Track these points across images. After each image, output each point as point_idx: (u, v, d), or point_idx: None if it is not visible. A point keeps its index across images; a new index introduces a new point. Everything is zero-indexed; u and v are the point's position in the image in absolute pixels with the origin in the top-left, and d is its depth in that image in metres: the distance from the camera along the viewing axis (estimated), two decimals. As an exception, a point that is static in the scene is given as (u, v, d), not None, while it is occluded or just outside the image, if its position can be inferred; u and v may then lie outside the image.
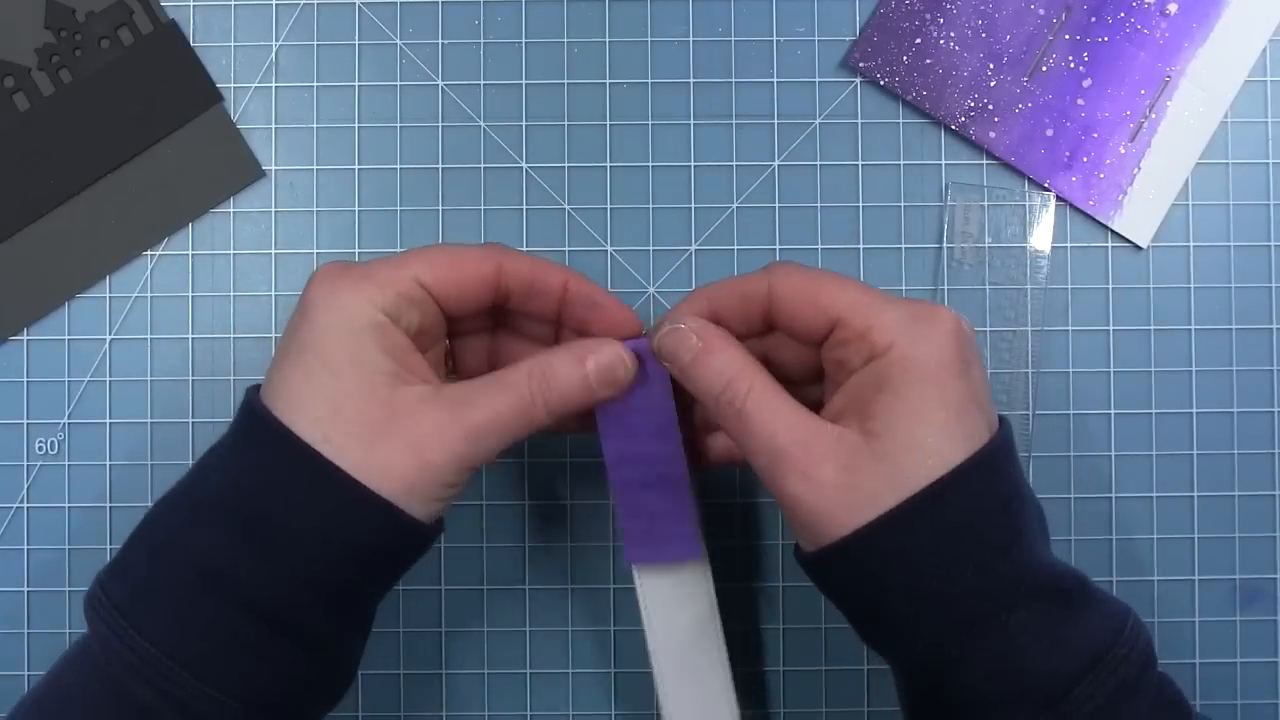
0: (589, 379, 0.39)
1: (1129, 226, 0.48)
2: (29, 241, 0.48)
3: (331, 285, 0.38)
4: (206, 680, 0.36)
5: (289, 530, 0.36)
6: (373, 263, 0.39)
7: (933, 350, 0.37)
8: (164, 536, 0.37)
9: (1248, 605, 0.48)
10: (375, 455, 0.36)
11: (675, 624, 0.43)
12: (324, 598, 0.37)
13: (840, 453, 0.37)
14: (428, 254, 0.39)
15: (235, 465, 0.37)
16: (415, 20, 0.48)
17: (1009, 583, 0.36)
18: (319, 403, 0.36)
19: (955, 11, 0.48)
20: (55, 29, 0.48)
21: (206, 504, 0.37)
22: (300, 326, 0.38)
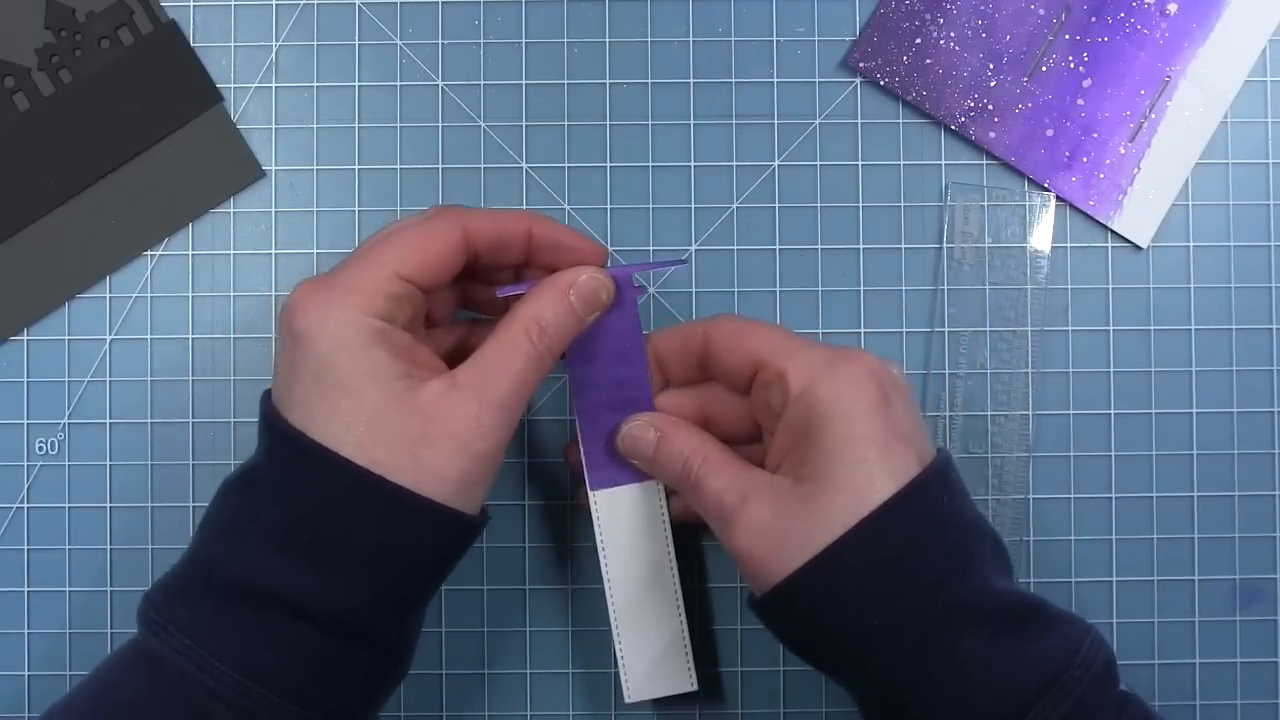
0: (575, 310, 0.40)
1: (1129, 226, 0.48)
2: (29, 241, 0.48)
3: (320, 308, 0.37)
4: (287, 696, 0.36)
5: (356, 551, 0.37)
6: (346, 269, 0.38)
7: (848, 389, 0.38)
8: (225, 567, 0.37)
9: (1248, 605, 0.48)
10: (426, 465, 0.37)
11: (631, 549, 0.44)
12: (393, 604, 0.38)
13: (773, 500, 0.38)
14: (396, 242, 0.39)
15: (287, 495, 0.37)
16: (415, 20, 0.48)
17: (953, 612, 0.37)
18: (355, 430, 0.37)
19: (955, 11, 0.48)
20: (55, 29, 0.48)
21: (264, 534, 0.37)
22: (302, 357, 0.37)
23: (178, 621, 0.37)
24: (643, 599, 0.44)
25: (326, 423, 0.37)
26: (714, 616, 0.48)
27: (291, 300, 0.38)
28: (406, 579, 0.38)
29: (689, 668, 0.45)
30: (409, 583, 0.38)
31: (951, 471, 0.39)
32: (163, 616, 0.37)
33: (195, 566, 0.38)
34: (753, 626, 0.48)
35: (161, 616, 0.37)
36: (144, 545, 0.47)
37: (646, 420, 0.42)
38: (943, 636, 0.36)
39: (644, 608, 0.45)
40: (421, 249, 0.39)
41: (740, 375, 0.41)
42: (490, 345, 0.39)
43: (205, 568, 0.38)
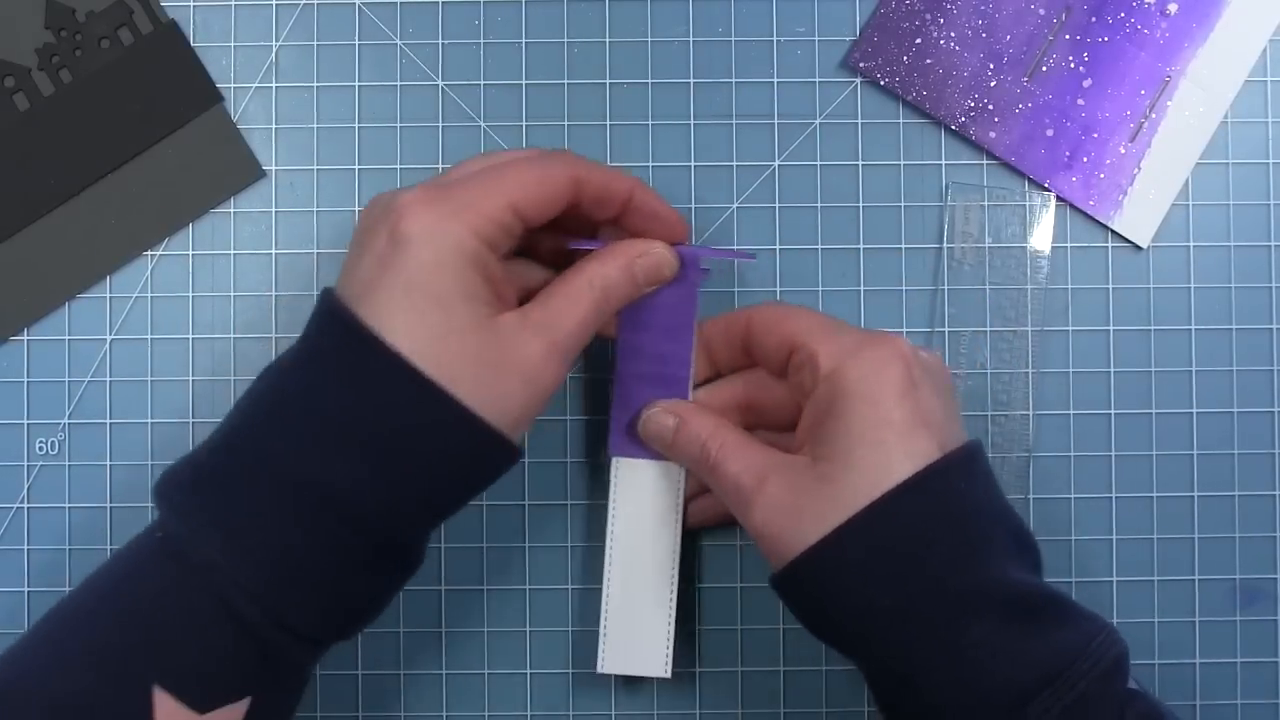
0: (636, 279, 0.42)
1: (1129, 226, 0.48)
2: (29, 241, 0.48)
3: (434, 219, 0.37)
4: (313, 594, 0.37)
5: (411, 460, 0.37)
6: (463, 187, 0.38)
7: (875, 372, 0.38)
8: (271, 459, 0.37)
9: (1248, 605, 0.48)
10: (494, 391, 0.37)
11: (639, 523, 0.45)
12: (431, 519, 0.39)
13: (789, 478, 0.39)
14: (516, 175, 0.39)
15: (350, 393, 0.37)
16: (415, 20, 0.48)
17: (963, 598, 0.37)
18: (435, 345, 0.37)
19: (955, 11, 0.48)
20: (55, 29, 0.48)
21: (319, 428, 0.37)
22: (399, 261, 0.37)
23: (210, 510, 0.36)
24: (639, 575, 0.45)
25: (409, 331, 0.37)
26: (714, 616, 0.48)
27: (403, 203, 0.38)
28: (448, 495, 0.39)
29: (667, 654, 0.45)
30: (449, 499, 0.39)
31: (976, 461, 0.39)
32: (191, 503, 0.37)
33: (233, 453, 0.37)
34: (753, 626, 0.48)
35: (190, 503, 0.37)
36: (144, 545, 0.47)
37: (666, 406, 0.43)
38: (951, 621, 0.36)
39: (638, 585, 0.45)
40: (539, 186, 0.39)
41: (778, 358, 0.42)
42: (557, 291, 0.40)
43: (248, 455, 0.37)
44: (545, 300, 0.40)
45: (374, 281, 0.37)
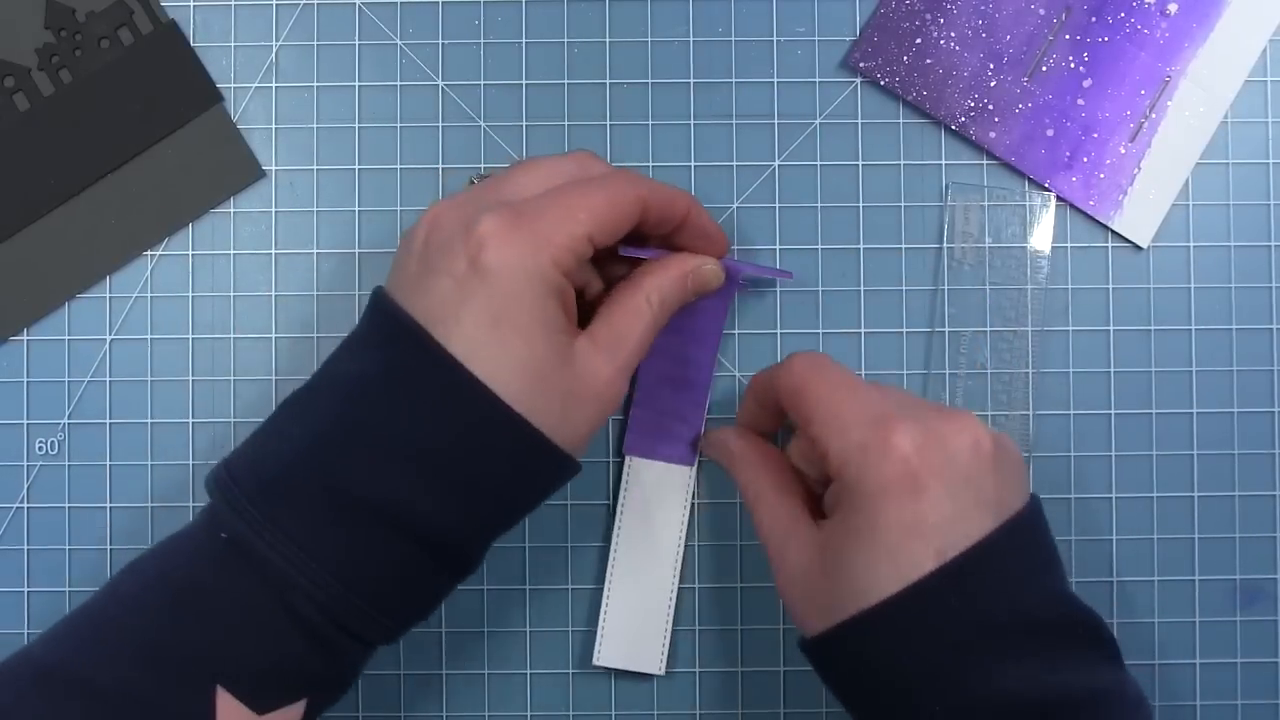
0: (688, 291, 0.42)
1: (1129, 226, 0.48)
2: (29, 241, 0.48)
3: (517, 252, 0.38)
4: (375, 605, 0.37)
5: (486, 483, 0.38)
6: (543, 214, 0.38)
7: (874, 481, 0.38)
8: (355, 485, 0.37)
9: (1248, 605, 0.48)
10: (571, 417, 0.39)
11: (646, 521, 0.46)
12: (494, 533, 0.40)
13: (808, 555, 0.40)
14: (591, 203, 0.39)
15: (435, 426, 0.37)
16: (415, 20, 0.48)
17: (934, 717, 0.37)
18: (519, 377, 0.37)
19: (955, 11, 0.48)
20: (55, 29, 0.48)
21: (394, 449, 0.37)
22: (483, 291, 0.37)
23: (280, 521, 0.37)
24: (641, 573, 0.46)
25: (496, 363, 0.37)
26: (714, 616, 0.48)
27: (485, 231, 0.38)
28: (515, 513, 0.40)
29: (662, 652, 0.46)
30: (515, 516, 0.40)
31: (974, 573, 0.37)
32: (262, 513, 0.37)
33: (312, 470, 0.37)
34: (753, 626, 0.48)
35: (260, 512, 0.37)
36: (144, 545, 0.47)
37: (730, 433, 0.45)
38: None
39: (640, 581, 0.46)
40: (611, 213, 0.39)
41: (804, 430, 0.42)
42: (618, 309, 0.41)
43: (329, 476, 0.37)
44: (609, 319, 0.40)
45: (455, 308, 0.37)
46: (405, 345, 0.38)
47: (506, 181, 0.41)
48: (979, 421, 0.39)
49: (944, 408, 0.40)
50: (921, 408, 0.39)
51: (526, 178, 0.40)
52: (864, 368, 0.48)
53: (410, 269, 0.39)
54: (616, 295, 0.42)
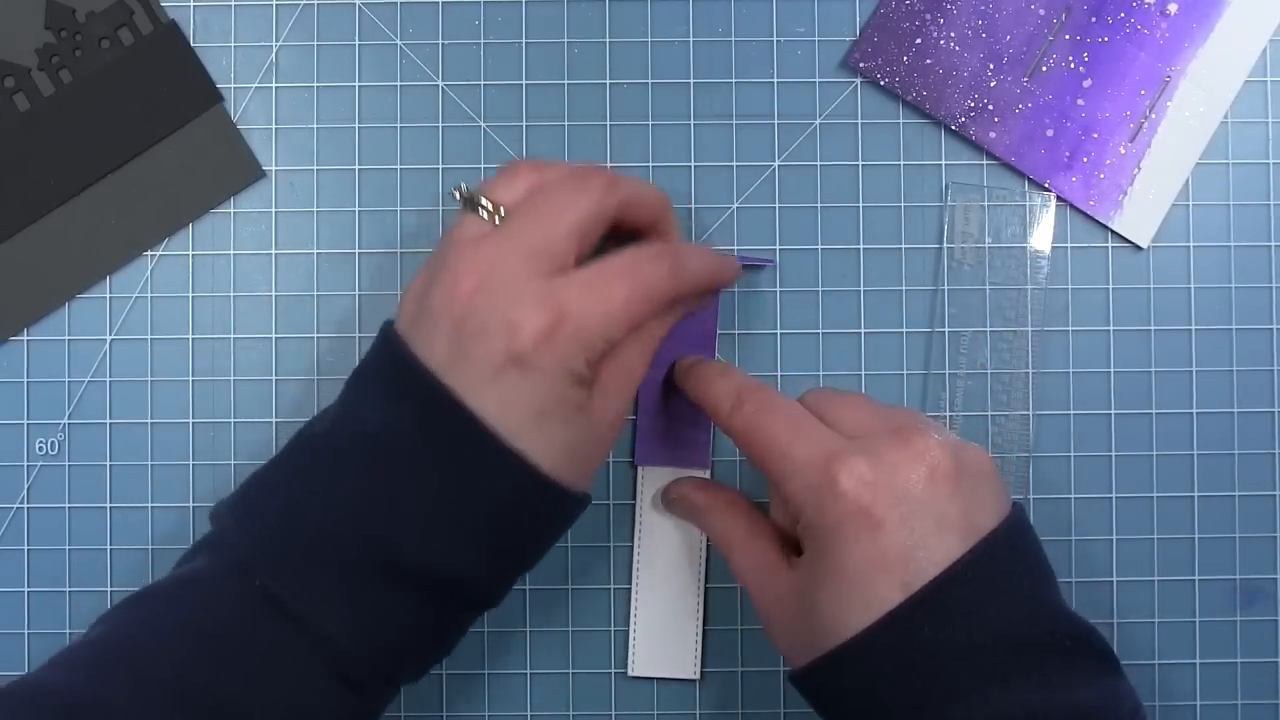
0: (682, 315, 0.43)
1: (1129, 226, 0.48)
2: (29, 241, 0.48)
3: (556, 353, 0.38)
4: (410, 656, 0.39)
5: (516, 538, 0.39)
6: (587, 310, 0.38)
7: (829, 520, 0.38)
8: (384, 537, 0.37)
9: (1248, 605, 0.48)
10: (586, 471, 0.40)
11: (664, 529, 0.47)
12: (522, 574, 0.41)
13: (781, 599, 0.40)
14: (627, 293, 0.39)
15: (462, 484, 0.38)
16: (415, 20, 0.48)
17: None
18: (557, 454, 0.38)
19: (955, 11, 0.48)
20: (55, 29, 0.48)
21: (431, 515, 0.38)
22: (528, 388, 0.38)
23: (319, 581, 0.37)
24: (666, 579, 0.47)
25: (534, 443, 0.38)
26: (714, 616, 0.48)
27: (528, 334, 0.38)
28: (540, 555, 0.41)
29: (695, 656, 0.47)
30: (539, 557, 0.41)
31: (945, 600, 0.37)
32: (301, 571, 0.37)
33: (342, 526, 0.37)
34: (753, 626, 0.48)
35: (299, 570, 0.37)
36: (144, 545, 0.47)
37: (689, 485, 0.46)
38: None
39: (665, 588, 0.47)
40: (649, 304, 0.40)
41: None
42: (624, 346, 0.40)
43: (355, 532, 0.37)
44: (616, 358, 0.40)
45: (490, 390, 0.38)
46: (440, 412, 0.38)
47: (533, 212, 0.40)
48: (938, 442, 0.38)
49: (905, 427, 0.39)
50: (877, 436, 0.39)
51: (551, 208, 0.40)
52: (864, 368, 0.48)
53: (438, 344, 0.38)
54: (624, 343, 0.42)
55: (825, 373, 0.48)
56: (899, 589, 0.37)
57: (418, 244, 0.48)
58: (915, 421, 0.40)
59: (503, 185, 0.41)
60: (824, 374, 0.48)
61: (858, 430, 0.40)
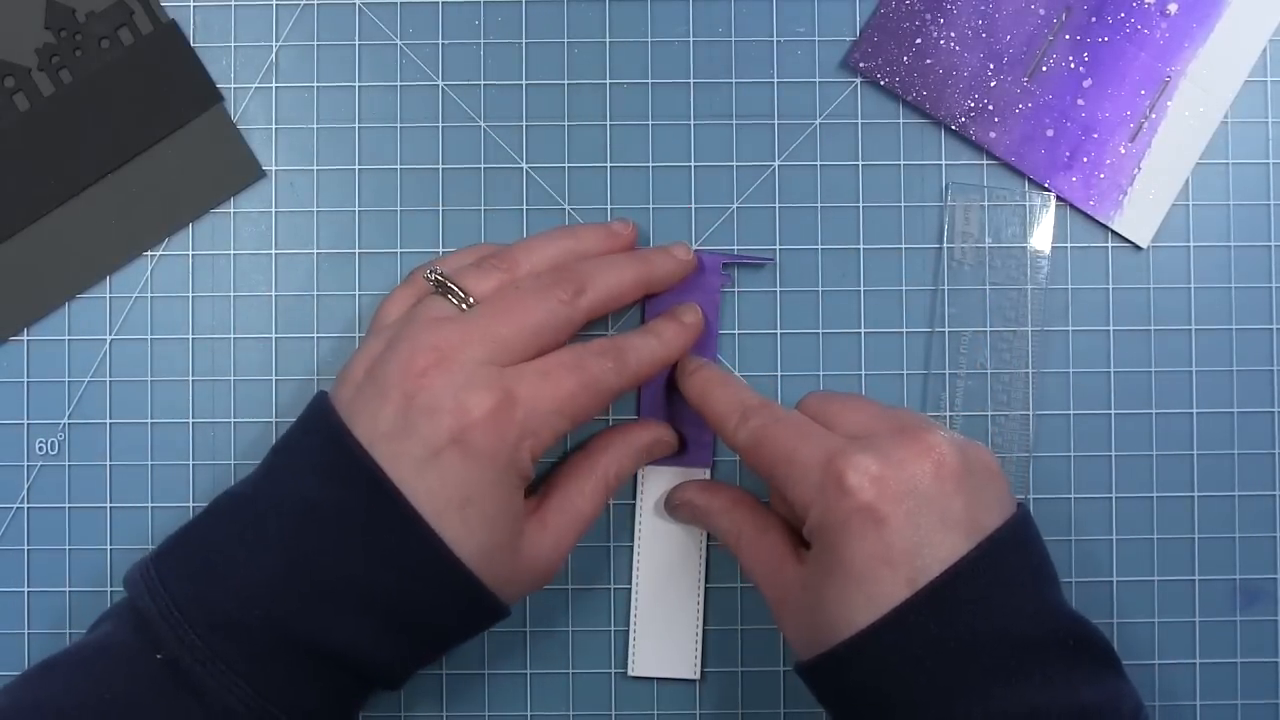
0: (642, 461, 0.46)
1: (1129, 226, 0.48)
2: (29, 241, 0.48)
3: (504, 446, 0.39)
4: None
5: (432, 629, 0.40)
6: (536, 401, 0.39)
7: (835, 518, 0.38)
8: (295, 618, 0.38)
9: (1248, 605, 0.48)
10: (510, 588, 0.41)
11: (665, 528, 0.47)
12: (417, 664, 0.41)
13: (791, 595, 0.40)
14: (585, 393, 0.40)
15: (381, 564, 0.38)
16: (415, 20, 0.48)
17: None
18: (477, 553, 0.39)
19: (955, 11, 0.48)
20: (55, 29, 0.48)
21: (343, 595, 0.38)
22: (463, 470, 0.38)
23: (225, 654, 0.37)
24: (666, 578, 0.47)
25: (456, 534, 0.38)
26: (714, 616, 0.48)
27: (476, 414, 0.38)
28: (449, 648, 0.42)
29: (696, 656, 0.47)
30: (447, 650, 0.42)
31: (950, 597, 0.37)
32: (208, 644, 0.37)
33: (253, 604, 0.38)
34: (753, 626, 0.48)
35: (205, 643, 0.37)
36: (144, 545, 0.47)
37: (693, 488, 0.46)
38: None
39: (666, 587, 0.47)
40: (600, 401, 0.41)
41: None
42: (574, 489, 0.43)
43: (267, 610, 0.38)
44: (562, 502, 0.43)
45: (427, 470, 0.38)
46: (366, 489, 0.38)
47: (497, 304, 0.41)
48: (945, 439, 0.38)
49: (910, 425, 0.39)
50: (882, 434, 0.39)
51: (520, 306, 0.41)
52: (864, 368, 0.48)
53: (383, 416, 0.39)
54: (572, 470, 0.44)
55: (825, 373, 0.48)
56: (904, 585, 0.37)
57: (417, 244, 0.48)
58: (920, 420, 0.40)
59: (476, 276, 0.42)
60: (824, 374, 0.48)
61: (861, 430, 0.40)
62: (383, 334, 0.41)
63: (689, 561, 0.47)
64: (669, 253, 0.45)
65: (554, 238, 0.44)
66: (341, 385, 0.41)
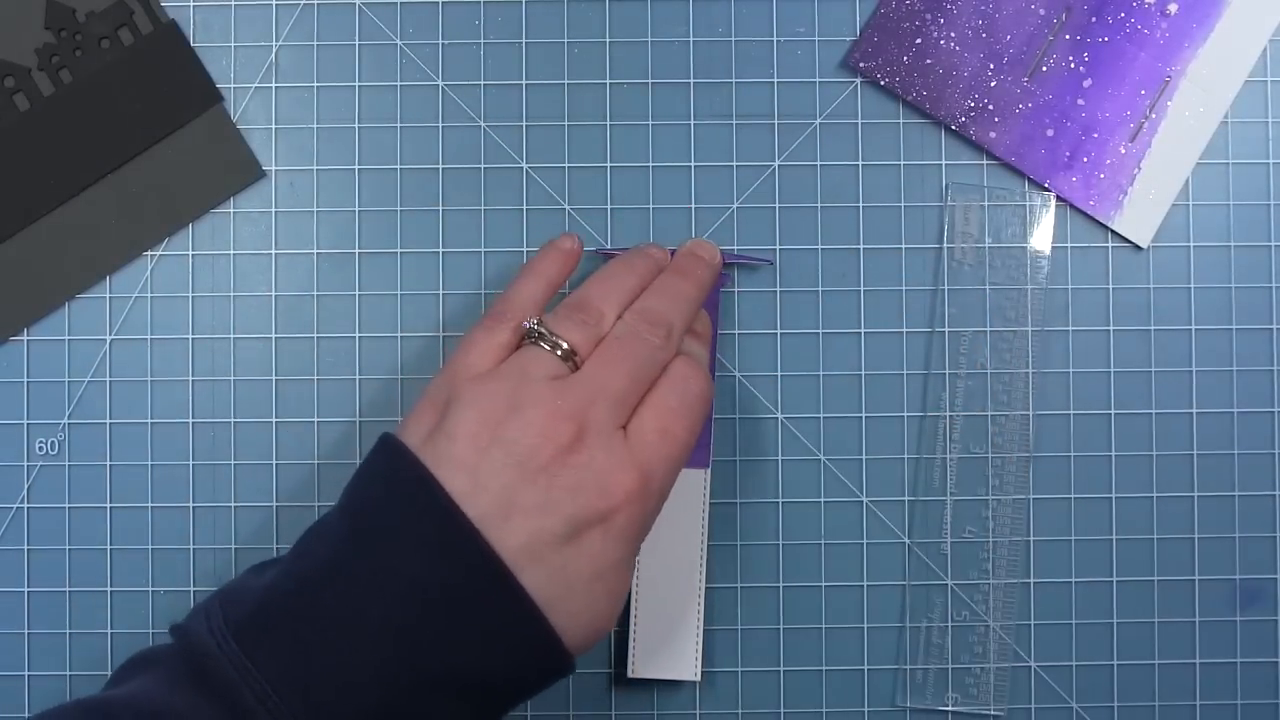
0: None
1: (1129, 226, 0.48)
2: (29, 241, 0.48)
3: (642, 530, 0.39)
4: None
5: (517, 699, 0.38)
6: (668, 473, 0.39)
7: None
8: (388, 693, 0.35)
9: (1248, 605, 0.48)
10: (594, 639, 0.39)
11: (665, 529, 0.46)
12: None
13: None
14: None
15: (488, 647, 0.36)
16: (415, 20, 0.48)
17: None
18: (586, 629, 0.38)
19: (955, 11, 0.48)
20: (55, 29, 0.48)
21: (446, 678, 0.36)
22: (608, 550, 0.38)
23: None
24: (666, 580, 0.46)
25: (571, 612, 0.37)
26: (714, 616, 0.48)
27: (628, 505, 0.38)
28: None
29: (696, 658, 0.46)
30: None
31: None
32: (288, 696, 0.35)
33: (356, 693, 0.35)
34: (753, 626, 0.48)
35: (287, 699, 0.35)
36: (144, 545, 0.47)
37: None
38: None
39: (665, 589, 0.46)
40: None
41: None
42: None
43: (377, 700, 0.35)
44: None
45: (565, 548, 0.37)
46: (484, 573, 0.36)
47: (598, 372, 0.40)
48: None
49: None
50: None
51: (627, 358, 0.40)
52: (864, 368, 0.48)
53: (523, 490, 0.37)
54: None
55: (825, 373, 0.48)
56: None
57: (416, 244, 0.48)
58: None
59: (568, 327, 0.40)
60: (824, 374, 0.48)
61: None
62: (485, 387, 0.38)
63: (689, 562, 0.47)
64: (705, 262, 0.45)
65: (614, 275, 0.43)
66: (444, 443, 0.37)
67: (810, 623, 0.48)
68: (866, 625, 0.48)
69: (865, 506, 0.48)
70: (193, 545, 0.47)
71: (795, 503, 0.48)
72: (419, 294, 0.48)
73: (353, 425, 0.48)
